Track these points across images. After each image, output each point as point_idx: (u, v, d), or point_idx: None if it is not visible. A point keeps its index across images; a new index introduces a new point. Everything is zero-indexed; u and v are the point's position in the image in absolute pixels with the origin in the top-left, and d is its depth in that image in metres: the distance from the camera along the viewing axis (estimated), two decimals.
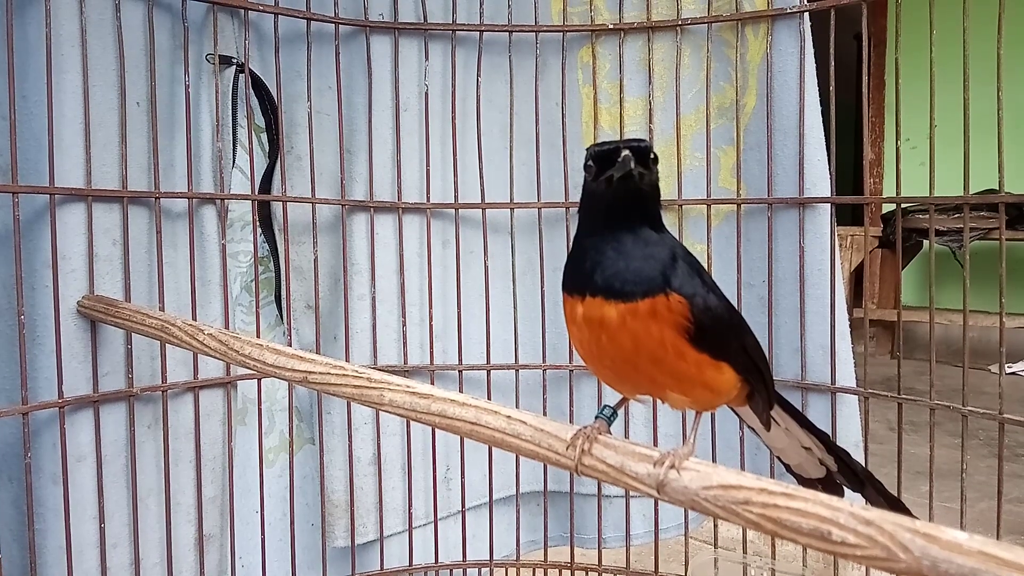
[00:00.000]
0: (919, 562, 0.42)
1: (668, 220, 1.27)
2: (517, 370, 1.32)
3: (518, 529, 1.35)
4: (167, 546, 1.09)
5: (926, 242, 4.00)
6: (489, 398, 1.23)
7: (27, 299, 0.97)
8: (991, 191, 1.04)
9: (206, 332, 0.87)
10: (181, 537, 1.11)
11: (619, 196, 0.61)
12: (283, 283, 1.24)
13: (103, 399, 1.02)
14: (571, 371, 1.32)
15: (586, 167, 0.62)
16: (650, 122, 1.29)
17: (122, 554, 1.05)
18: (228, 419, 1.16)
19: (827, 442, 0.80)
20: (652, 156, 0.61)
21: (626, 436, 1.30)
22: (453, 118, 1.29)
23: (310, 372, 0.75)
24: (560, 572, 1.36)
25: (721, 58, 1.27)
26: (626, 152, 0.59)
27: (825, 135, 1.20)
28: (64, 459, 0.98)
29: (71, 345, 0.99)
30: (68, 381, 0.98)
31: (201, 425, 1.12)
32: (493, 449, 1.29)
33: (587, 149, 0.63)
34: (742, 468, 1.18)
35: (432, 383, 1.27)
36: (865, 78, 1.21)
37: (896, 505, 0.81)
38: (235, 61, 1.18)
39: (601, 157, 0.61)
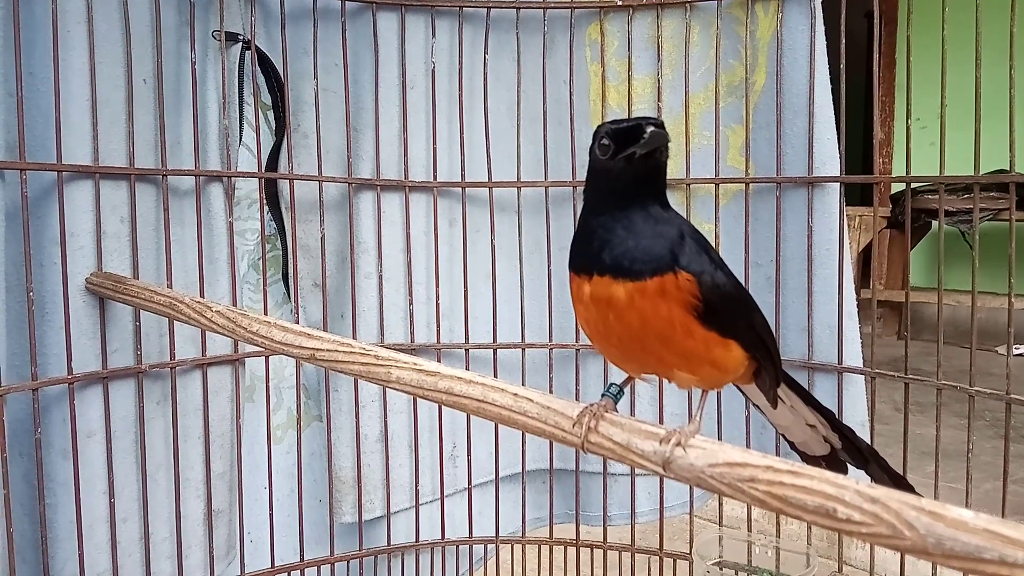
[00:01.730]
0: (924, 540, 0.43)
1: (676, 199, 1.26)
2: (523, 349, 1.32)
3: (524, 506, 1.36)
4: (176, 521, 1.10)
5: (935, 223, 3.98)
6: (495, 377, 1.24)
7: (36, 276, 0.97)
8: (1001, 171, 1.03)
9: (214, 309, 0.87)
10: (190, 512, 1.12)
11: (639, 174, 0.60)
12: (290, 261, 1.24)
13: (112, 375, 1.03)
14: (577, 350, 1.32)
15: (601, 145, 0.62)
16: (659, 100, 1.28)
17: (132, 528, 1.06)
18: (236, 396, 1.17)
19: (832, 420, 0.81)
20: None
21: (632, 415, 1.31)
22: (460, 96, 1.29)
23: (317, 349, 0.76)
24: (565, 549, 1.37)
25: (731, 35, 1.26)
26: (653, 129, 0.58)
27: (835, 114, 1.19)
28: (74, 434, 0.99)
29: (80, 322, 1.00)
30: (77, 357, 0.99)
31: (209, 402, 1.13)
32: (499, 427, 1.30)
33: (599, 127, 0.62)
34: (748, 446, 1.18)
35: (439, 362, 1.27)
36: (876, 56, 1.20)
37: (900, 482, 0.81)
38: (241, 38, 1.18)
39: (620, 134, 0.60)
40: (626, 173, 0.60)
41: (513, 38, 1.30)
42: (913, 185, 1.16)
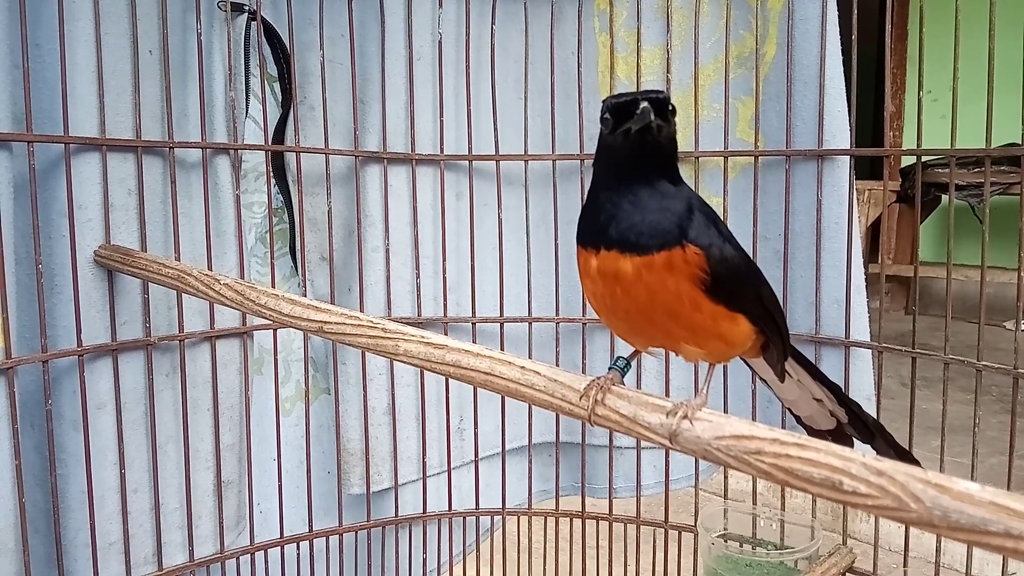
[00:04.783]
0: (930, 512, 0.43)
1: (684, 172, 1.25)
2: (530, 323, 1.32)
3: (530, 479, 1.37)
4: (186, 492, 1.11)
5: (945, 196, 3.95)
6: (502, 351, 1.25)
7: (44, 248, 0.97)
8: (1013, 145, 1.02)
9: (222, 282, 0.88)
10: (200, 483, 1.13)
11: (636, 149, 0.60)
12: (297, 234, 1.24)
13: (121, 347, 1.03)
14: (584, 324, 1.32)
15: (603, 119, 0.61)
16: (667, 72, 1.27)
17: (143, 499, 1.07)
18: (245, 369, 1.17)
19: (838, 394, 0.81)
20: (670, 107, 0.60)
21: (638, 388, 1.31)
22: (467, 68, 1.27)
23: (326, 322, 0.76)
24: (571, 521, 1.38)
25: (741, 6, 1.24)
26: (644, 104, 0.58)
27: (846, 86, 1.18)
28: (84, 406, 1.00)
29: (89, 294, 1.00)
30: (87, 330, 0.99)
31: (218, 374, 1.14)
32: (506, 400, 1.30)
33: (603, 101, 0.62)
34: (754, 420, 1.19)
35: (445, 335, 1.27)
36: (888, 28, 1.18)
37: (906, 457, 0.81)
38: (247, 8, 1.16)
39: (618, 109, 0.60)
40: (625, 148, 0.60)
41: (521, 8, 1.28)
42: (924, 158, 1.15)
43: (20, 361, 0.96)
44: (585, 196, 0.91)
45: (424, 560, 1.35)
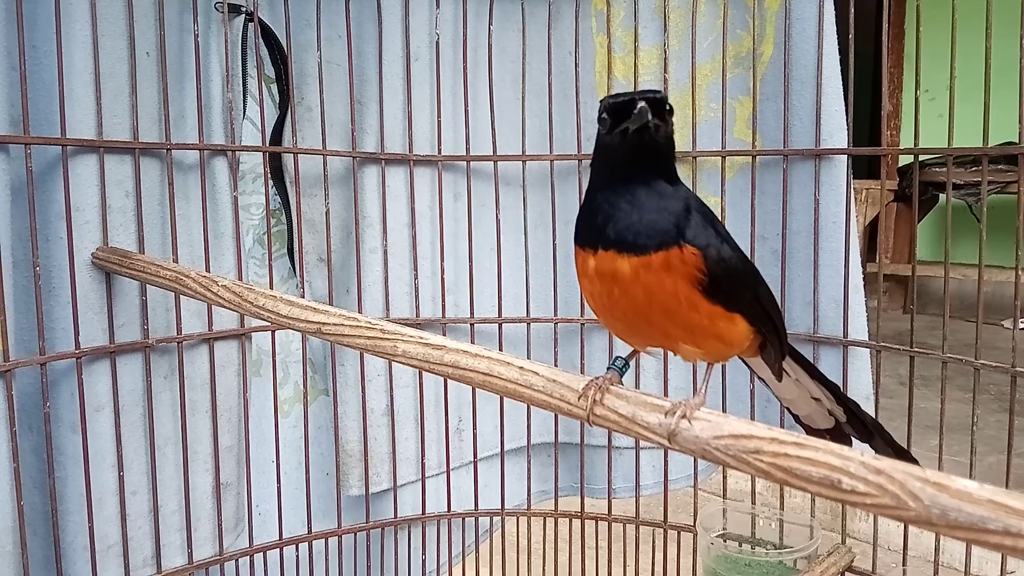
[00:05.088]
0: (928, 511, 0.43)
1: (682, 172, 1.25)
2: (528, 323, 1.32)
3: (529, 479, 1.37)
4: (185, 494, 1.11)
5: (942, 196, 3.96)
6: (501, 351, 1.24)
7: (42, 251, 0.97)
8: (1010, 143, 1.02)
9: (220, 284, 0.87)
10: (199, 485, 1.13)
11: (634, 149, 0.60)
12: (295, 236, 1.24)
13: (119, 350, 1.03)
14: (582, 324, 1.32)
15: (600, 119, 0.62)
16: (665, 72, 1.27)
17: (141, 501, 1.07)
18: (243, 370, 1.17)
19: (837, 393, 0.81)
20: (668, 107, 0.61)
21: (637, 388, 1.31)
22: (464, 68, 1.27)
23: (324, 323, 0.76)
24: (571, 521, 1.38)
25: (738, 5, 1.24)
26: (642, 104, 0.58)
27: (843, 85, 1.18)
28: (82, 408, 0.99)
29: (87, 296, 1.00)
30: (84, 332, 0.99)
31: (216, 376, 1.13)
32: (504, 401, 1.30)
33: (601, 101, 0.62)
34: (752, 420, 1.19)
35: (444, 336, 1.27)
36: (885, 27, 1.18)
37: (904, 456, 0.81)
38: (244, 9, 1.16)
39: (616, 109, 0.60)
40: (622, 148, 0.60)
41: (518, 8, 1.28)
42: (921, 157, 1.15)
43: (18, 364, 0.95)
44: (583, 196, 0.91)
45: (423, 561, 1.35)
